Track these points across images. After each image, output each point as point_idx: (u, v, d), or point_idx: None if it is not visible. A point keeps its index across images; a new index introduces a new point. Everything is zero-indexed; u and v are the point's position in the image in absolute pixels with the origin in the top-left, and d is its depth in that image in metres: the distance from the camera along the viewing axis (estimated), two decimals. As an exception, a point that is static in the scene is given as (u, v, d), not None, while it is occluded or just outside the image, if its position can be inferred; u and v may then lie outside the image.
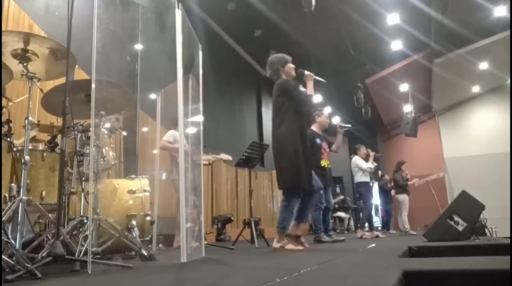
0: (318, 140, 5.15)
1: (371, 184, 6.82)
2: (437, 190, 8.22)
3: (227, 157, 4.90)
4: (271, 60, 3.62)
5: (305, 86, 3.56)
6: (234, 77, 9.75)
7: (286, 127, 3.34)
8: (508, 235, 6.31)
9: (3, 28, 3.90)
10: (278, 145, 3.35)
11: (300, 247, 3.29)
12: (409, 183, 7.96)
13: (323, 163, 5.12)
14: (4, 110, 2.40)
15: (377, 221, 13.16)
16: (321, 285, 1.38)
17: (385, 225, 9.28)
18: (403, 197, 7.90)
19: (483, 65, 9.97)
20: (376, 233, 6.42)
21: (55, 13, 4.82)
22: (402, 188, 7.95)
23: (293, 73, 3.58)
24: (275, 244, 3.27)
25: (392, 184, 8.49)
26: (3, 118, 2.38)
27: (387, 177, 8.90)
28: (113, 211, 3.01)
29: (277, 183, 3.39)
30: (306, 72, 3.60)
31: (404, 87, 11.21)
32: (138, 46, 6.35)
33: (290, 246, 3.22)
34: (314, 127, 5.25)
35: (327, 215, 5.23)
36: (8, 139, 2.38)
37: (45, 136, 2.80)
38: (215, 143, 6.57)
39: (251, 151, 4.89)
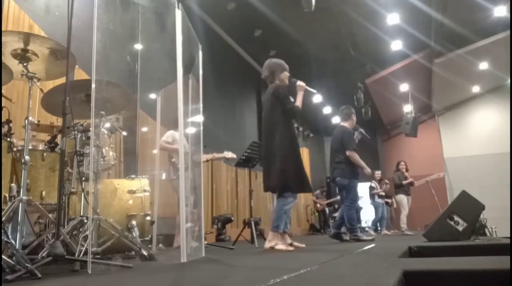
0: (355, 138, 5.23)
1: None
2: (437, 190, 8.21)
3: (231, 155, 4.90)
4: (270, 63, 3.69)
5: (295, 95, 3.64)
6: (234, 77, 9.75)
7: (279, 132, 3.46)
8: (508, 235, 6.31)
9: (3, 28, 3.90)
10: (272, 149, 3.46)
11: (290, 248, 3.31)
12: (404, 182, 7.96)
13: None
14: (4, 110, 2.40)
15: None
16: (321, 285, 1.38)
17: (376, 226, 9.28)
18: (400, 197, 7.94)
19: (483, 65, 9.97)
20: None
21: (55, 13, 4.81)
22: (398, 188, 7.97)
23: (287, 81, 3.68)
24: (266, 244, 3.32)
25: (382, 186, 8.56)
26: (3, 118, 2.37)
27: (376, 176, 8.92)
28: (113, 211, 3.01)
29: (264, 185, 3.48)
30: (299, 82, 3.67)
31: (404, 87, 11.21)
32: (138, 46, 6.35)
33: (280, 247, 3.23)
34: (347, 125, 5.22)
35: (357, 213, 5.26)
36: (8, 139, 2.38)
37: (45, 136, 2.80)
38: (215, 143, 6.56)
39: (251, 151, 4.89)
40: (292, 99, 3.59)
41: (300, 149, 3.63)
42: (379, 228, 8.77)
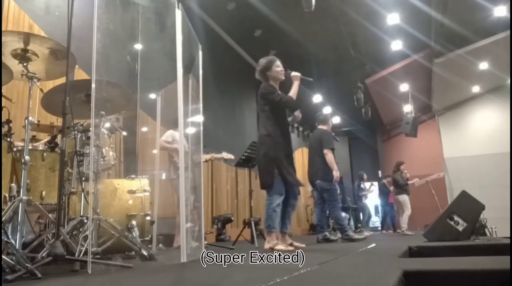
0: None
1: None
2: (437, 190, 8.22)
3: (229, 156, 4.91)
4: (259, 64, 3.64)
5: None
6: (234, 77, 9.74)
7: (267, 131, 3.46)
8: (508, 235, 6.30)
9: (3, 28, 3.90)
10: (260, 148, 3.51)
11: (290, 248, 3.30)
12: (409, 182, 7.99)
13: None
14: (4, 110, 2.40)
15: (377, 221, 13.21)
16: (321, 285, 1.38)
17: (383, 225, 9.35)
18: (403, 198, 7.94)
19: (483, 65, 9.97)
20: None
21: (55, 13, 4.82)
22: (401, 188, 7.98)
23: (280, 76, 3.60)
24: (266, 245, 3.31)
25: (392, 186, 8.54)
26: (3, 118, 2.37)
27: (389, 179, 8.92)
28: (113, 211, 3.01)
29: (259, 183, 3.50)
30: (293, 73, 3.62)
31: (404, 87, 11.21)
32: (138, 46, 6.35)
33: (280, 247, 3.22)
34: (326, 128, 5.35)
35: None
36: (8, 139, 2.38)
37: (45, 136, 2.80)
38: (215, 143, 6.56)
39: (251, 151, 4.89)
40: (279, 92, 3.55)
41: (290, 148, 3.60)
42: (379, 228, 8.81)
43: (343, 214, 12.53)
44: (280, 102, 3.48)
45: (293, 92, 3.51)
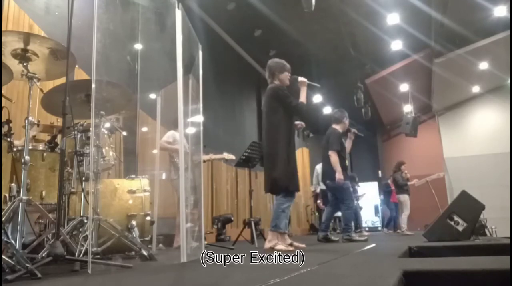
0: (343, 141, 5.32)
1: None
2: (437, 190, 8.21)
3: (230, 156, 4.91)
4: (270, 64, 3.71)
5: (299, 92, 3.63)
6: (234, 77, 9.74)
7: (281, 134, 3.46)
8: (508, 235, 6.31)
9: (3, 28, 3.90)
10: (272, 150, 3.47)
11: (290, 248, 3.31)
12: (409, 183, 7.99)
13: (346, 162, 5.27)
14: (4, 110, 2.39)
15: (377, 221, 13.21)
16: (321, 285, 1.38)
17: (387, 224, 9.36)
18: (404, 198, 7.94)
19: (483, 65, 9.97)
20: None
21: (55, 13, 4.81)
22: (401, 188, 7.98)
23: (287, 82, 3.67)
24: (266, 244, 3.33)
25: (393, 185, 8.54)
26: (3, 118, 2.37)
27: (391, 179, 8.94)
28: (113, 211, 3.01)
29: (266, 187, 3.51)
30: (300, 78, 3.66)
31: (404, 87, 11.21)
32: (138, 46, 6.35)
33: (280, 246, 3.24)
34: (338, 128, 5.29)
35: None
36: (8, 139, 2.38)
37: (45, 136, 2.80)
38: (215, 143, 6.56)
39: (251, 151, 4.89)
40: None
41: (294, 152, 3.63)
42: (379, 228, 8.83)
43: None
44: (295, 108, 3.53)
45: (303, 98, 3.57)
